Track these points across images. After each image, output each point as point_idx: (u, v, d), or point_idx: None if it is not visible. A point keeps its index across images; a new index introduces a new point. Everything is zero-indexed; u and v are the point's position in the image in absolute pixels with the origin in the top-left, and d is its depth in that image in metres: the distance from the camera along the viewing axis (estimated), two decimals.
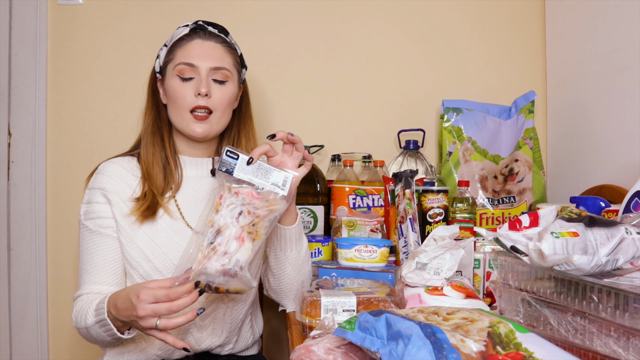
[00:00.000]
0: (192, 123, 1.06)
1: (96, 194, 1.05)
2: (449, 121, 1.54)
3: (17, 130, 1.57)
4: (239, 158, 0.92)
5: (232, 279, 0.83)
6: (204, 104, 1.05)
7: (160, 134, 1.11)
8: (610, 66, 1.36)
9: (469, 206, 1.29)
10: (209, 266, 0.82)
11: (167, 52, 1.09)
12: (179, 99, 1.05)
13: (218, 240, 0.85)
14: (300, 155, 0.99)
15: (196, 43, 1.07)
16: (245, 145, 1.15)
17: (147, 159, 1.08)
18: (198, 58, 1.05)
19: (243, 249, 0.85)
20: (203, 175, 1.12)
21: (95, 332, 0.94)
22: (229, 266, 0.83)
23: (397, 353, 0.57)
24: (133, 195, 1.05)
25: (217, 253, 0.83)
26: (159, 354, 1.03)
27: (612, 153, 1.36)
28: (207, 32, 1.09)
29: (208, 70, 1.06)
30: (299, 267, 1.05)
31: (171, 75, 1.07)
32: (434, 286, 0.95)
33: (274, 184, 0.92)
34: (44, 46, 1.57)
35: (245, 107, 1.18)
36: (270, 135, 0.96)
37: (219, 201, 0.88)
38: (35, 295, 1.57)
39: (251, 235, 0.86)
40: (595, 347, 0.65)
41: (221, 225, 0.86)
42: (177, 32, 1.10)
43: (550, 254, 0.71)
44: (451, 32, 1.68)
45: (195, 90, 1.05)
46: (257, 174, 0.92)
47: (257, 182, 0.91)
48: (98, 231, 1.03)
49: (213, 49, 1.07)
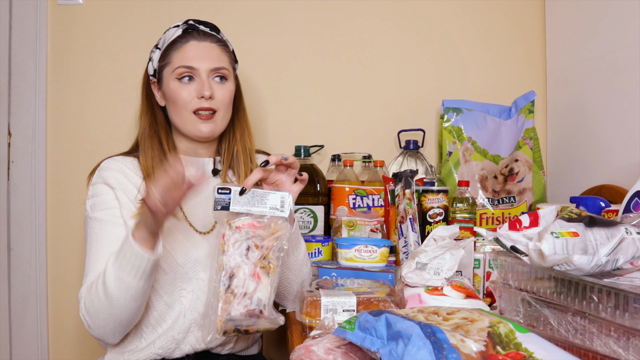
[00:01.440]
0: (197, 123, 1.06)
1: (102, 187, 1.05)
2: (449, 121, 1.54)
3: (17, 130, 1.57)
4: (231, 191, 0.88)
5: (259, 320, 0.82)
6: (208, 105, 1.05)
7: (157, 137, 1.10)
8: (610, 66, 1.36)
9: (469, 206, 1.29)
10: (233, 311, 0.81)
11: (162, 55, 1.08)
12: (180, 101, 1.05)
13: (235, 283, 0.83)
14: (296, 172, 0.96)
15: (192, 45, 1.06)
16: (241, 139, 1.15)
17: (147, 164, 1.07)
18: (197, 60, 1.05)
19: (261, 286, 0.83)
20: (204, 175, 1.12)
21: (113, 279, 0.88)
22: (252, 306, 0.82)
23: (397, 353, 0.57)
24: (138, 195, 1.05)
25: (237, 296, 0.82)
26: (160, 352, 1.03)
27: (612, 153, 1.36)
28: (201, 32, 1.08)
29: (208, 71, 1.06)
30: (297, 270, 1.04)
31: (170, 79, 1.07)
32: (434, 286, 0.95)
33: (272, 208, 0.89)
34: (44, 46, 1.57)
35: (238, 101, 1.18)
36: (263, 162, 0.91)
37: (223, 241, 0.85)
38: (35, 295, 1.57)
39: (265, 269, 0.85)
40: (595, 347, 0.65)
41: (232, 267, 0.84)
42: (168, 34, 1.09)
43: (550, 254, 0.71)
44: (451, 32, 1.68)
45: (197, 92, 1.05)
46: (253, 202, 0.89)
47: (255, 211, 0.88)
48: (110, 220, 1.02)
49: (210, 50, 1.07)
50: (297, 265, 1.04)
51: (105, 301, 0.90)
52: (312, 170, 1.39)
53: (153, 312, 1.03)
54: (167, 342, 1.02)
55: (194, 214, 1.08)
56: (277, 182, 0.95)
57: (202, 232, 1.08)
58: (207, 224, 1.09)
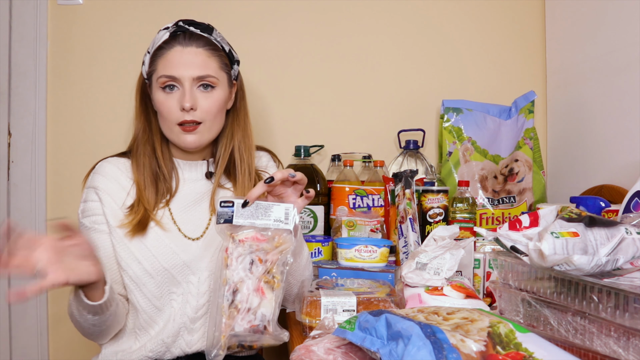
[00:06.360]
0: (181, 135, 1.03)
1: (91, 193, 1.05)
2: (449, 121, 1.54)
3: (17, 130, 1.57)
4: (234, 204, 0.86)
5: (263, 335, 0.81)
6: (190, 118, 1.01)
7: (151, 142, 1.08)
8: (610, 66, 1.36)
9: (469, 206, 1.29)
10: (237, 327, 0.80)
11: (150, 60, 1.04)
12: (164, 112, 1.02)
13: (238, 298, 0.81)
14: (302, 188, 0.93)
15: (176, 51, 1.01)
16: (239, 143, 1.11)
17: (138, 172, 1.05)
18: (179, 68, 1.00)
19: (265, 302, 0.82)
20: (197, 177, 1.12)
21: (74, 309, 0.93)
22: (256, 322, 0.80)
23: (397, 353, 0.57)
24: (127, 200, 1.04)
25: (241, 311, 0.81)
26: (150, 355, 1.03)
27: (612, 153, 1.36)
28: (188, 35, 1.02)
29: (191, 80, 1.00)
30: (299, 275, 1.03)
31: (155, 87, 1.03)
32: (434, 286, 0.95)
33: (276, 220, 0.86)
34: (44, 46, 1.57)
35: (239, 104, 1.13)
36: (268, 178, 0.87)
37: (226, 255, 0.83)
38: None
39: (269, 284, 0.83)
40: (595, 347, 0.65)
41: (236, 282, 0.82)
42: (157, 37, 1.05)
43: (550, 254, 0.71)
44: (451, 32, 1.68)
45: (179, 104, 1.00)
46: (257, 214, 0.86)
47: (259, 223, 0.85)
48: (93, 227, 1.03)
49: (194, 56, 1.01)
50: (300, 269, 1.02)
51: (77, 324, 0.96)
52: (312, 170, 1.39)
53: (143, 315, 1.03)
54: (157, 345, 1.02)
55: (183, 218, 1.06)
56: (283, 195, 0.93)
57: (192, 238, 1.06)
58: (198, 227, 1.07)
